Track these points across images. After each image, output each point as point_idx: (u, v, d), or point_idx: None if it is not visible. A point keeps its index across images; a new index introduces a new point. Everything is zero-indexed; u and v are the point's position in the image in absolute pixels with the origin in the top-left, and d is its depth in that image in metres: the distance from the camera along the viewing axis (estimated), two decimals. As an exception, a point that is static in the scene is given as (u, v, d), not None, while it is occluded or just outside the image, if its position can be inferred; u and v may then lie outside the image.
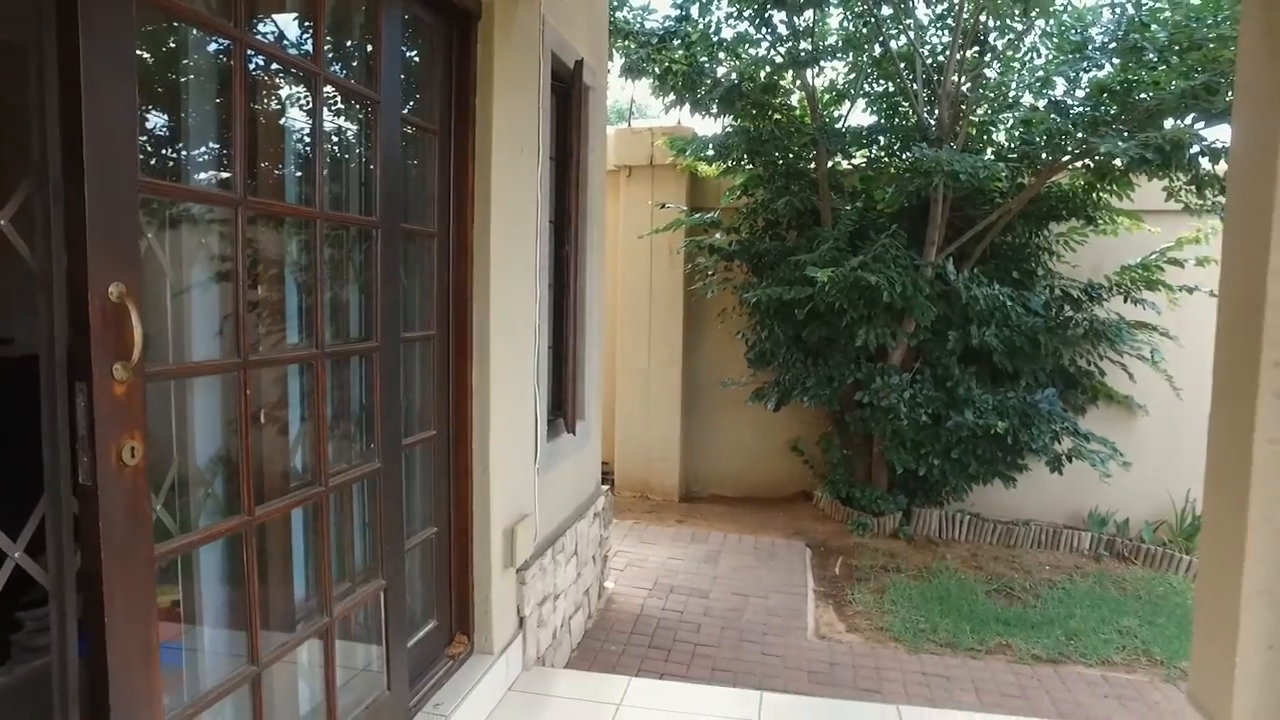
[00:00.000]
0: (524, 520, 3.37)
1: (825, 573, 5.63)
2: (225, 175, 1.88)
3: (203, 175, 2.22)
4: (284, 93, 2.49)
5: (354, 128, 2.62)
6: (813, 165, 6.37)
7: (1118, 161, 4.81)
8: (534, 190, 3.42)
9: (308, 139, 2.23)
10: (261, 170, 2.31)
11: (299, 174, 2.42)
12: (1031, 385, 5.93)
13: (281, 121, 2.45)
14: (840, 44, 6.18)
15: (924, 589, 5.27)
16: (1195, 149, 4.62)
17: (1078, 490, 6.36)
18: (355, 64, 2.61)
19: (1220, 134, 4.70)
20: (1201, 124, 4.86)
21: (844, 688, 4.04)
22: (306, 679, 2.20)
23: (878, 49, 6.16)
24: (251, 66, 2.09)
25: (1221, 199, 5.11)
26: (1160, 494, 6.47)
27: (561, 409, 4.12)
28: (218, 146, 2.02)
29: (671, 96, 6.30)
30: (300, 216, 2.22)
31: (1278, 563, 2.85)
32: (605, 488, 4.99)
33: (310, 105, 2.13)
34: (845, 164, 6.57)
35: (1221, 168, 4.98)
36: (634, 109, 9.33)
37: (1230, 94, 4.62)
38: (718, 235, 6.90)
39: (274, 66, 2.27)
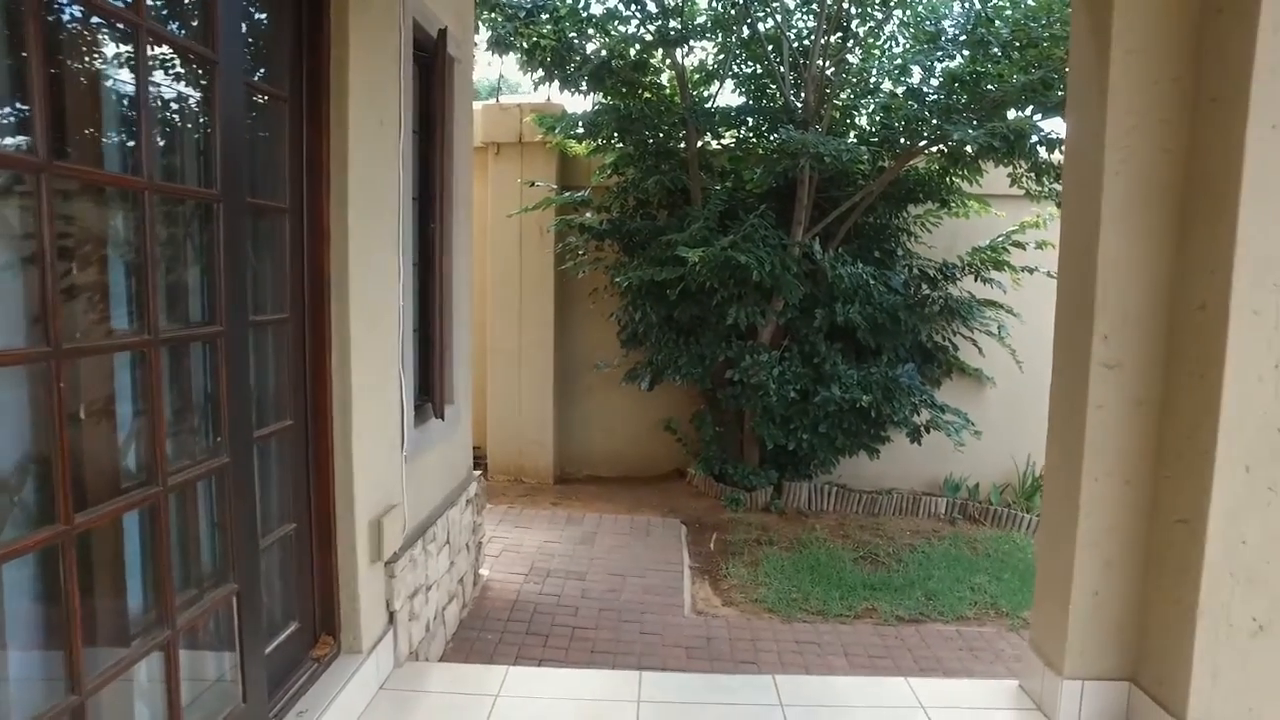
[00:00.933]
0: (392, 511, 3.21)
1: (701, 549, 5.72)
2: (25, 138, 1.64)
3: (-1, 139, 1.94)
4: (104, 49, 2.21)
5: (191, 92, 2.37)
6: (683, 145, 6.39)
7: (969, 148, 5.08)
8: (395, 165, 3.23)
9: (132, 102, 1.99)
10: (75, 135, 2.04)
11: (124, 141, 2.16)
12: (893, 360, 6.22)
13: (101, 81, 2.18)
14: (709, 24, 6.20)
15: (795, 560, 5.44)
16: (1035, 138, 4.94)
17: (934, 459, 6.74)
18: (190, 21, 2.36)
19: (1056, 125, 5.06)
20: (1039, 116, 5.20)
21: (722, 661, 4.11)
22: (146, 700, 2.00)
23: (746, 30, 6.23)
24: (58, 14, 1.84)
25: (1058, 186, 5.51)
26: (1005, 459, 6.96)
27: (429, 394, 3.95)
28: (17, 105, 1.77)
29: (540, 72, 6.15)
30: (125, 187, 1.98)
31: (1103, 517, 3.10)
32: (478, 473, 4.85)
33: (134, 63, 1.89)
34: (715, 144, 6.63)
35: (1058, 157, 5.36)
36: (502, 84, 9.07)
37: (1064, 89, 4.97)
38: (588, 214, 6.83)
39: (89, 17, 2.01)
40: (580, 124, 6.34)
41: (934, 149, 5.66)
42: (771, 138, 6.12)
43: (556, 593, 4.84)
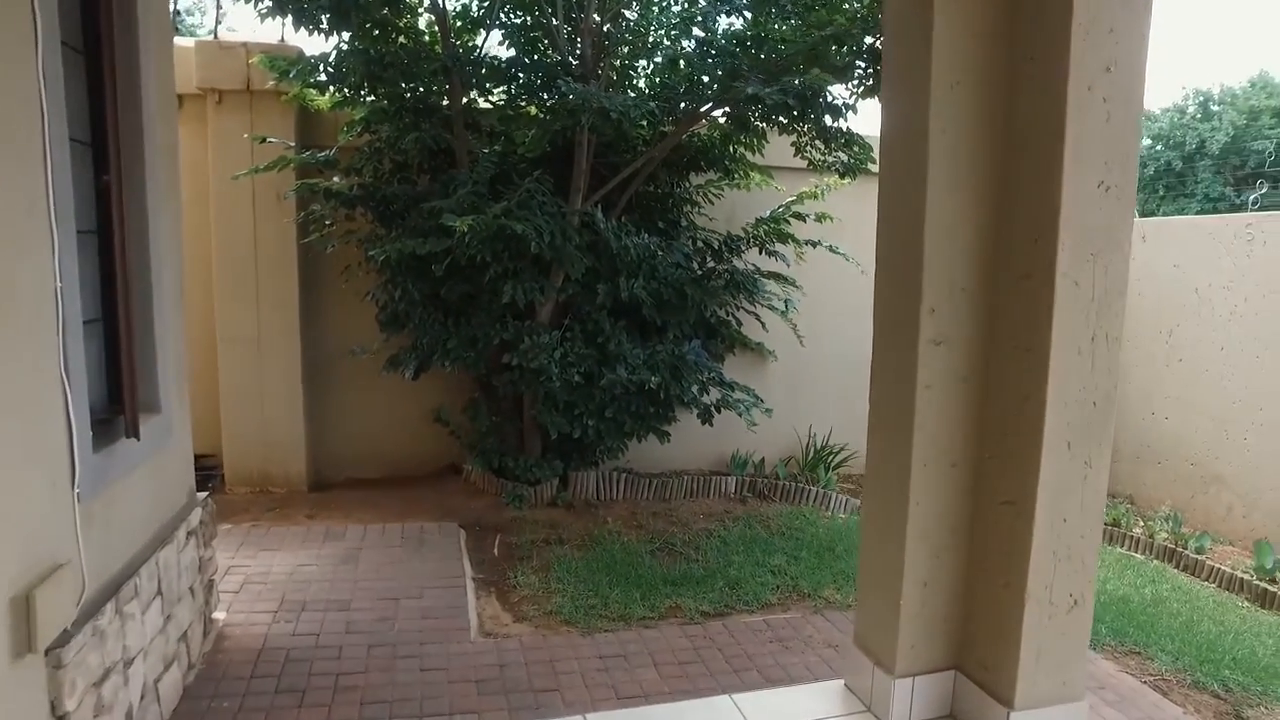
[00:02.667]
0: (56, 575, 2.28)
1: (484, 555, 5.09)
2: None
3: None
4: None
5: None
6: (446, 100, 5.62)
7: (753, 113, 4.83)
8: (34, 90, 2.26)
9: None
10: None
11: None
12: (678, 338, 5.92)
13: None
14: (472, -38, 5.47)
15: (589, 559, 4.98)
16: (823, 102, 4.79)
17: (719, 436, 6.57)
18: None
19: (841, 93, 4.96)
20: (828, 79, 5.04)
21: (519, 692, 3.55)
22: None
23: (512, -27, 5.57)
24: None
25: (842, 155, 5.46)
26: (788, 432, 6.99)
27: (120, 403, 2.97)
28: None
29: (269, 1, 5.07)
30: None
31: (933, 504, 2.90)
32: (204, 494, 3.89)
33: None
34: (483, 101, 5.92)
35: (843, 125, 5.27)
36: (220, 18, 7.62)
37: (844, 51, 4.85)
38: (335, 178, 5.84)
39: None
40: (321, 69, 5.35)
41: (720, 111, 5.36)
42: (546, 96, 5.52)
43: (314, 631, 4.01)
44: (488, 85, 5.69)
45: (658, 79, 5.72)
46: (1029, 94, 2.59)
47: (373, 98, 5.56)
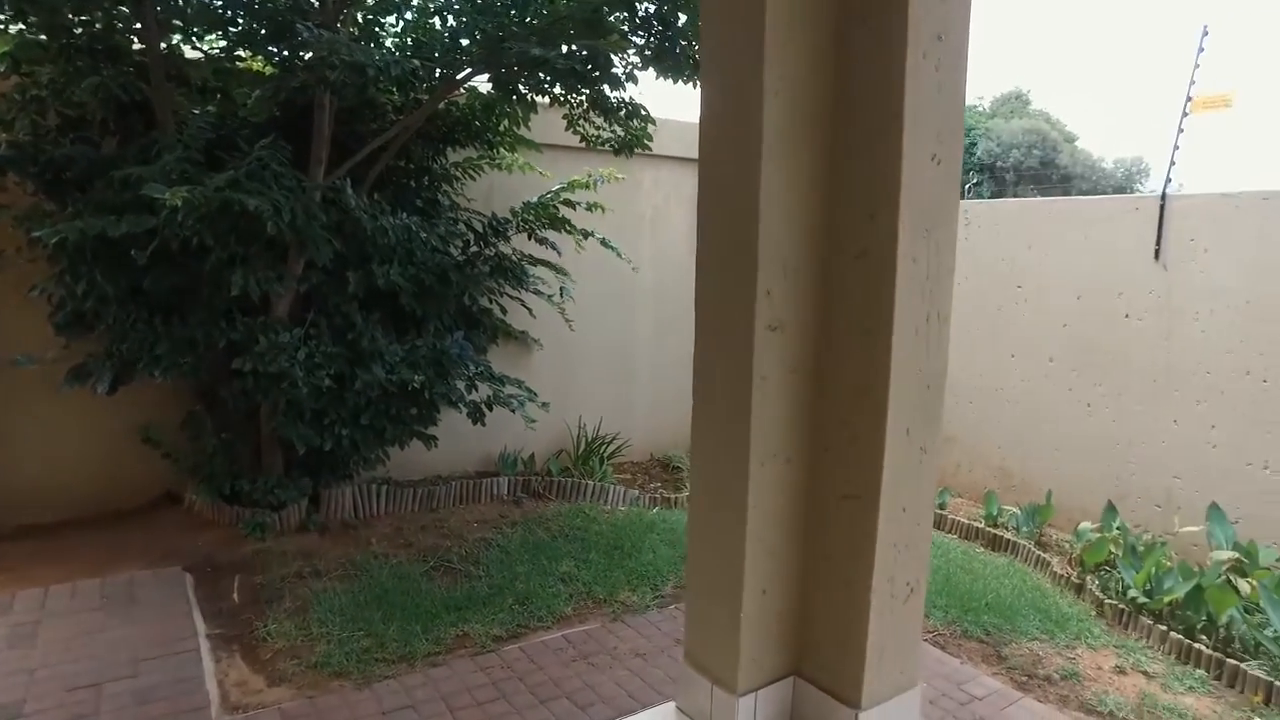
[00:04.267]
0: None
1: (222, 604, 4.19)
2: None
3: None
4: None
5: None
6: (137, 42, 4.50)
7: (527, 78, 4.36)
8: None
9: None
10: None
11: None
12: (440, 330, 5.33)
13: None
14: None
15: (356, 591, 4.28)
16: (600, 73, 4.43)
17: (483, 434, 6.05)
18: None
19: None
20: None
21: (286, 782, 2.86)
22: None
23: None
24: None
25: (619, 130, 5.15)
26: (558, 424, 6.65)
27: None
28: None
29: None
30: None
31: (771, 504, 2.68)
32: None
33: None
34: (191, 49, 4.84)
35: (624, 96, 4.96)
36: None
37: (622, 16, 4.54)
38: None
39: None
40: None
41: (487, 75, 4.78)
42: (276, 49, 4.61)
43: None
44: (195, 29, 4.64)
45: (409, 39, 5.03)
46: (864, 60, 2.42)
47: (24, 27, 4.29)
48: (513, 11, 4.46)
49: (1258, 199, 5.30)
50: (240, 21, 4.59)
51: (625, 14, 4.30)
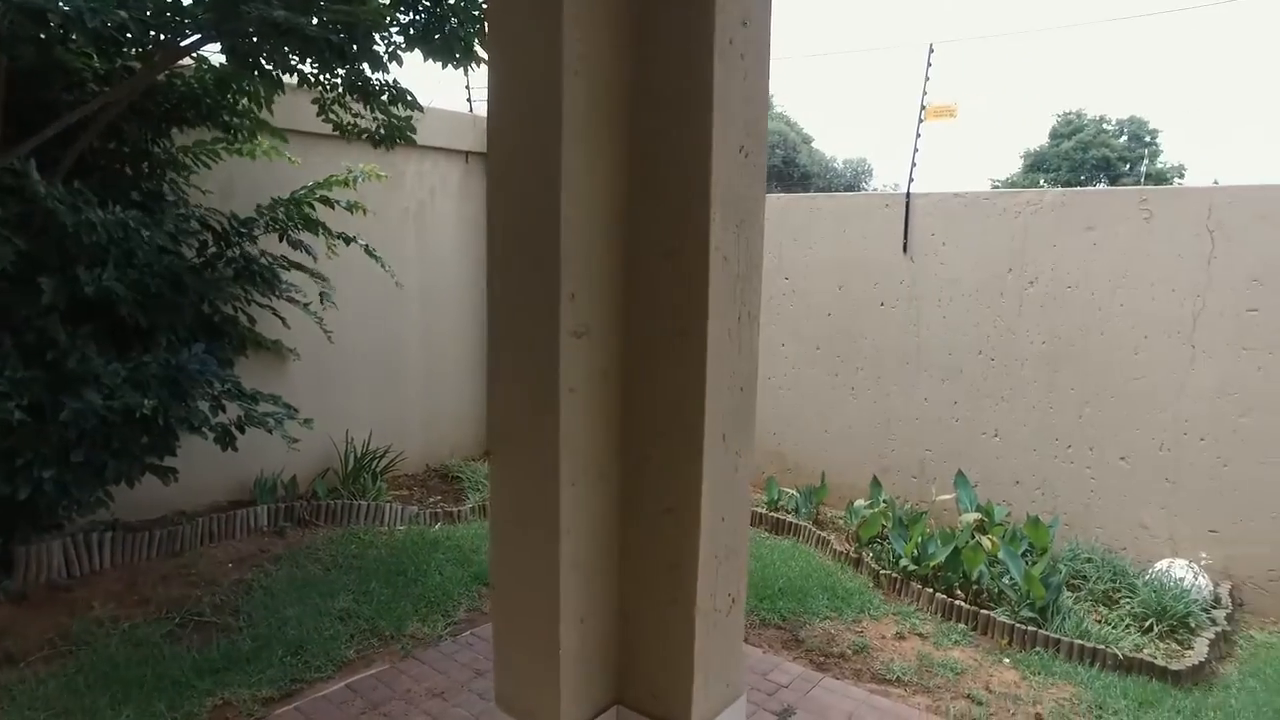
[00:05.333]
0: None
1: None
2: None
3: None
4: None
5: None
6: None
7: (271, 50, 3.74)
8: None
9: None
10: None
11: None
12: (174, 343, 4.53)
13: None
14: None
15: (70, 675, 3.50)
16: (358, 49, 3.90)
17: (234, 460, 5.24)
18: None
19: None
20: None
21: None
22: None
23: None
24: None
25: (381, 117, 4.62)
26: (323, 441, 5.98)
27: None
28: None
29: None
30: None
31: (586, 526, 2.46)
32: None
33: None
34: None
35: (386, 79, 4.43)
36: None
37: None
38: None
39: None
40: None
41: (223, 45, 4.03)
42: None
43: None
44: None
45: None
46: (669, 43, 2.26)
47: None
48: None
49: (980, 198, 5.92)
50: None
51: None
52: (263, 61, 3.98)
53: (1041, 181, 30.44)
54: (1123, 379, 5.36)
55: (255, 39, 3.79)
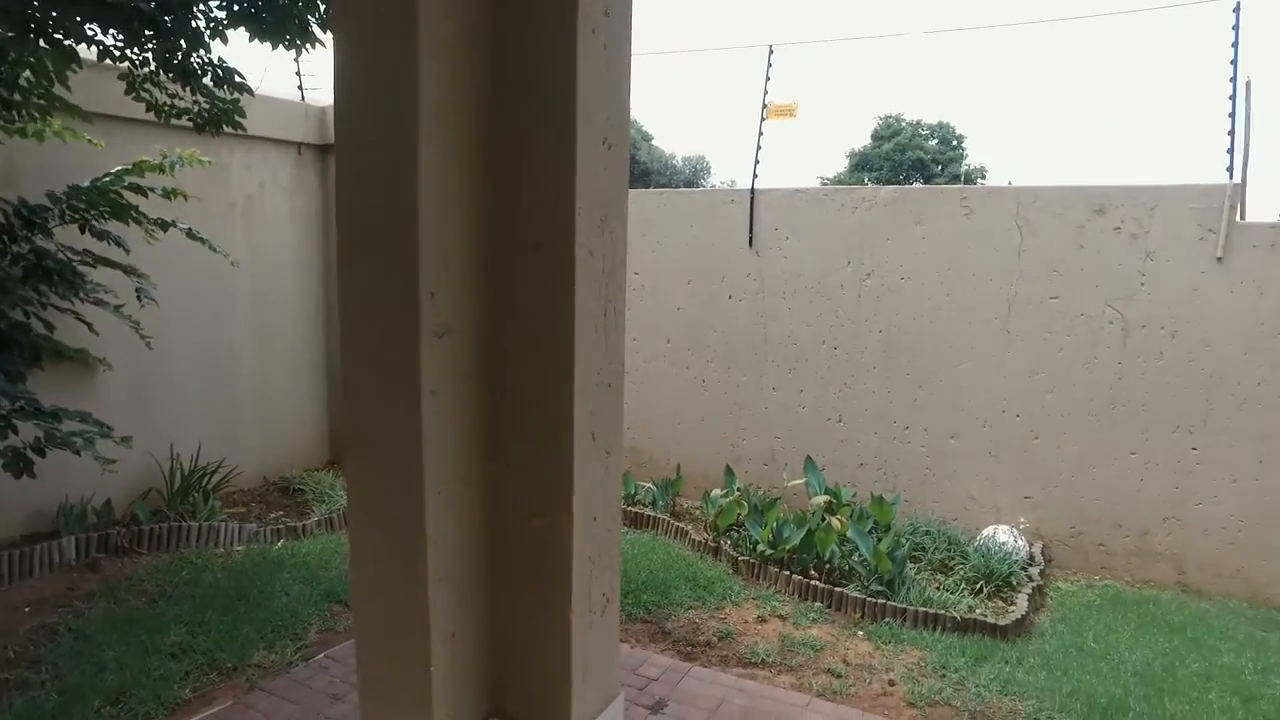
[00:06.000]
0: None
1: None
2: None
3: None
4: None
5: None
6: None
7: (57, 23, 3.29)
8: None
9: None
10: None
11: None
12: (-49, 357, 3.95)
13: None
14: None
15: None
16: (173, 22, 3.50)
17: (32, 487, 4.62)
18: None
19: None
20: None
21: None
22: None
23: None
24: None
25: (202, 100, 4.19)
26: (143, 459, 5.41)
27: None
28: None
29: None
30: None
31: (452, 536, 2.35)
32: None
33: None
34: None
35: (210, 57, 4.01)
36: None
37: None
38: None
39: None
40: None
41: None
42: None
43: None
44: None
45: None
46: (531, 28, 2.17)
47: None
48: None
49: (820, 194, 6.20)
50: None
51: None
52: (50, 30, 3.49)
53: (866, 180, 32.55)
54: (951, 363, 5.79)
55: (38, 1, 3.32)
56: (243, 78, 4.23)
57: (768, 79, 6.37)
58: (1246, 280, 5.04)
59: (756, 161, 6.35)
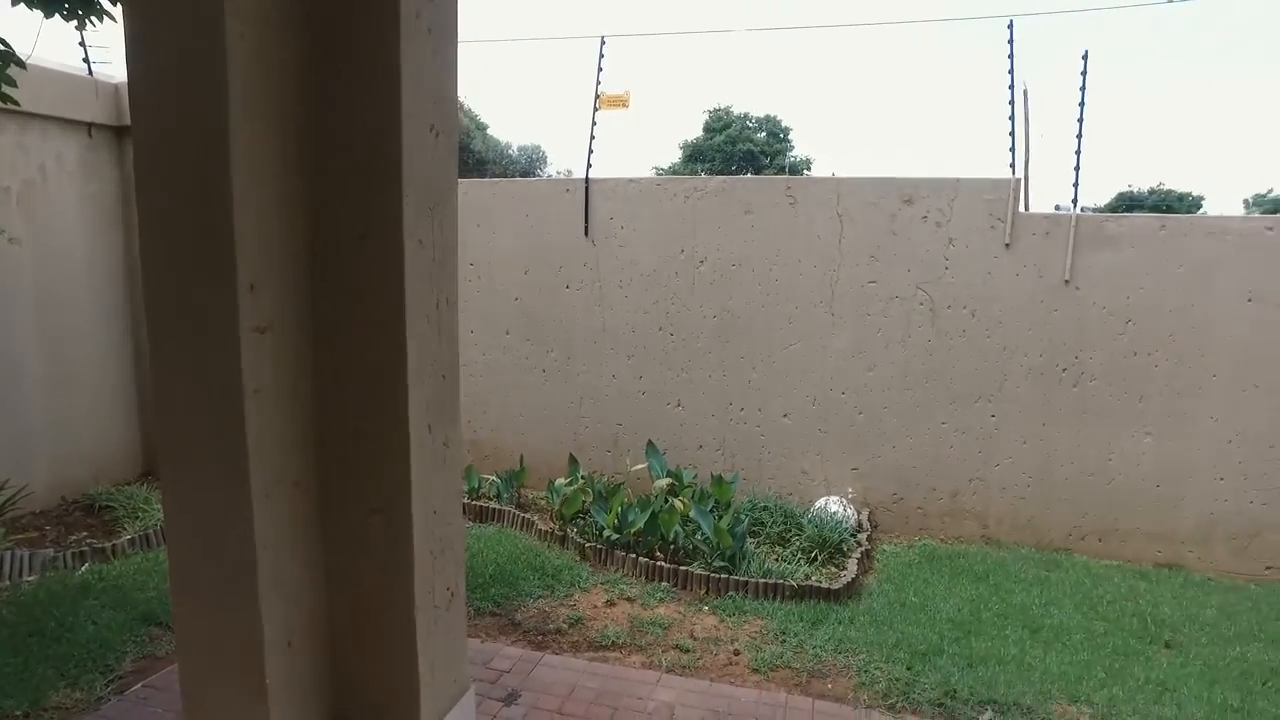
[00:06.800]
0: None
1: None
2: None
3: None
4: None
5: None
6: None
7: None
8: None
9: None
10: None
11: None
12: None
13: None
14: None
15: None
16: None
17: None
18: None
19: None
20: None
21: None
22: None
23: None
24: None
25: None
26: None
27: None
28: None
29: None
30: None
31: (284, 541, 2.24)
32: None
33: None
34: None
35: None
36: None
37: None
38: None
39: None
40: None
41: None
42: None
43: None
44: None
45: None
46: (355, 14, 2.08)
47: None
48: None
49: (653, 184, 6.34)
50: None
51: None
52: None
53: (700, 171, 33.50)
54: (782, 346, 6.10)
55: None
56: (7, 45, 3.77)
57: (600, 70, 6.43)
58: (1029, 264, 5.64)
59: (590, 151, 6.40)
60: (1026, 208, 5.74)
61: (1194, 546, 5.62)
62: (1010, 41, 5.84)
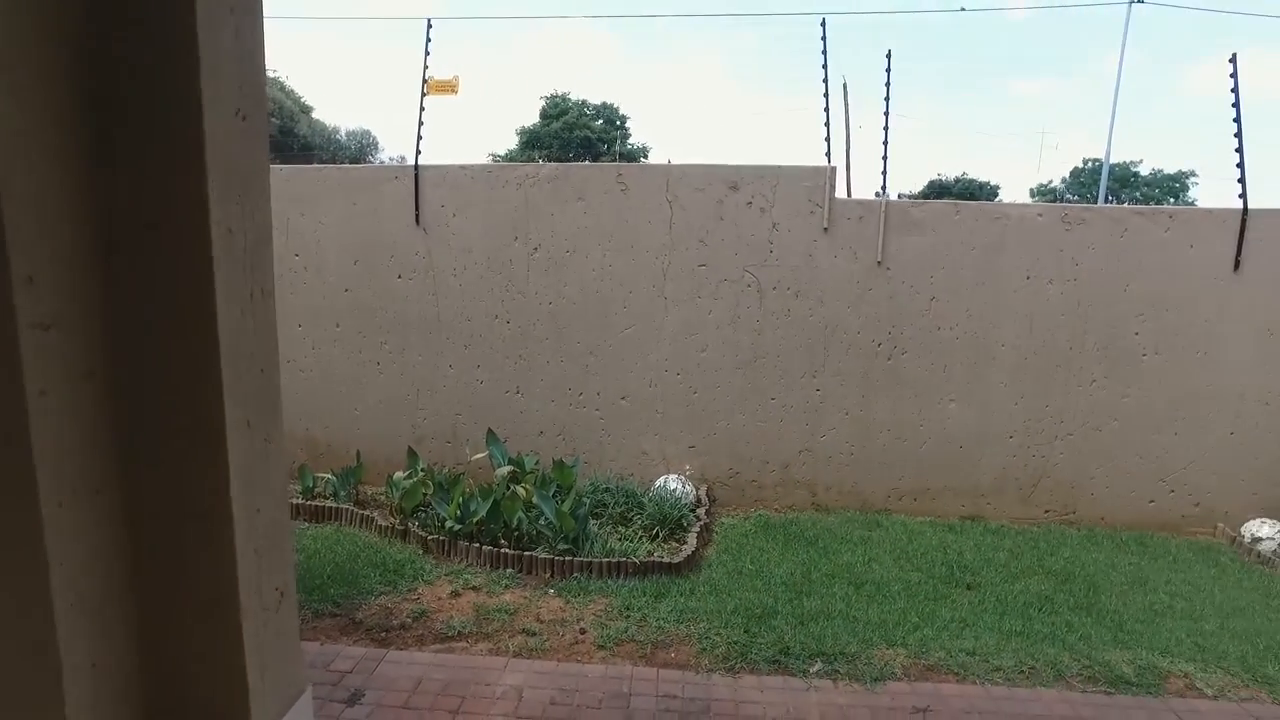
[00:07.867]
0: None
1: None
2: None
3: None
4: None
5: None
6: None
7: None
8: None
9: None
10: None
11: None
12: None
13: None
14: None
15: None
16: None
17: None
18: None
19: None
20: None
21: None
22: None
23: None
24: None
25: None
26: None
27: None
28: None
29: None
30: None
31: (83, 554, 2.10)
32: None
33: None
34: None
35: None
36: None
37: None
38: None
39: None
40: None
41: None
42: None
43: None
44: None
45: None
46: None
47: None
48: None
49: (485, 171, 6.27)
50: None
51: None
52: None
53: (537, 157, 33.31)
54: (617, 330, 6.23)
55: None
56: None
57: (427, 53, 6.27)
58: (846, 247, 6.07)
59: (419, 138, 6.24)
60: (849, 194, 6.17)
61: (991, 499, 6.28)
62: (823, 39, 6.23)
